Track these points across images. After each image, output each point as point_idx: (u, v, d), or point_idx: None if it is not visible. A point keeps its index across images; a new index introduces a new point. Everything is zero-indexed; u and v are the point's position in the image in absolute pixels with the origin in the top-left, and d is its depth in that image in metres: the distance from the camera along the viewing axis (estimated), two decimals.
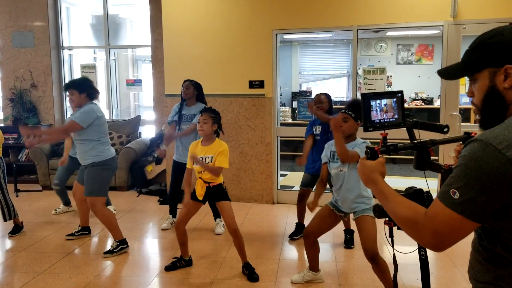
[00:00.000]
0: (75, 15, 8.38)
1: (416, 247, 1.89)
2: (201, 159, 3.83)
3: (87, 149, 4.43)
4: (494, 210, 1.23)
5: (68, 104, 6.00)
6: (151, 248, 4.94)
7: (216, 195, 3.92)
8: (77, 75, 8.17)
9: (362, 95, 1.89)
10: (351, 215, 3.56)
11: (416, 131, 1.96)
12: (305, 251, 3.80)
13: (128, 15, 8.74)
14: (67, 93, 4.53)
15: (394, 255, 2.01)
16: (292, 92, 10.73)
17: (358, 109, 3.42)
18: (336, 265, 4.21)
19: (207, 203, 4.15)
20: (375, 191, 1.56)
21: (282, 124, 6.56)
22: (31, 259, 4.36)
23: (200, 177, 3.87)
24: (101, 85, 8.18)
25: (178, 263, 4.12)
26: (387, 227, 1.91)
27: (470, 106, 8.92)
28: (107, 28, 7.99)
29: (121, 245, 4.54)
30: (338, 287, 3.75)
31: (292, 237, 4.92)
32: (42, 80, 7.88)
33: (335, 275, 4.00)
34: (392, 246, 1.92)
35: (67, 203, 5.97)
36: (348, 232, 4.72)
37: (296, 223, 5.01)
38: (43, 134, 4.78)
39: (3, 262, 4.34)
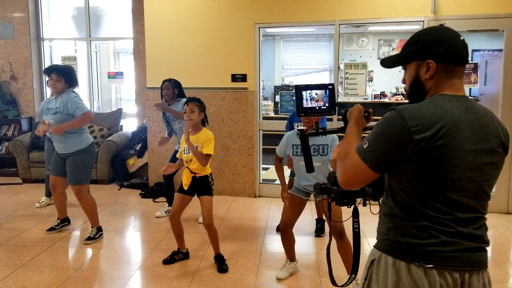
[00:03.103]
0: (55, 6, 8.26)
1: (350, 217, 2.11)
2: (187, 148, 3.84)
3: (73, 137, 4.51)
4: (390, 165, 1.55)
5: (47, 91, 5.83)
6: (133, 241, 4.93)
7: (200, 187, 3.91)
8: None
9: (295, 86, 2.18)
10: (313, 197, 3.72)
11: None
12: (282, 245, 3.85)
13: (109, 6, 8.64)
14: (52, 77, 4.48)
15: (330, 226, 2.25)
16: (274, 86, 10.76)
17: None
18: (316, 258, 4.26)
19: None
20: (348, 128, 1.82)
21: (264, 118, 6.59)
22: (11, 252, 4.32)
23: (187, 167, 3.87)
24: (82, 78, 8.09)
25: (176, 256, 4.12)
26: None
27: None
28: (88, 20, 7.91)
29: (99, 232, 4.72)
30: (318, 279, 3.81)
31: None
32: (22, 72, 7.77)
33: (315, 267, 4.05)
34: (329, 219, 2.17)
35: (50, 193, 5.93)
36: (319, 221, 4.81)
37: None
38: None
39: None
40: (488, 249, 1.63)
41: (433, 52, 1.59)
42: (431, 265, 1.54)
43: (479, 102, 1.65)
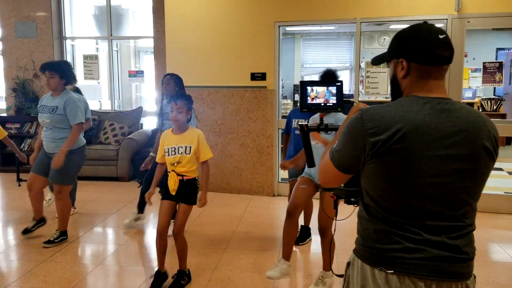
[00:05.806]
0: (77, 5, 8.37)
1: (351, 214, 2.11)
2: (173, 149, 3.44)
3: (63, 136, 4.31)
4: (353, 165, 1.53)
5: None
6: (152, 238, 4.94)
7: (186, 193, 3.49)
8: (79, 65, 8.16)
9: (300, 82, 2.16)
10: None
11: None
12: (283, 234, 3.54)
13: (130, 5, 8.72)
14: (46, 74, 4.28)
15: (335, 224, 2.22)
16: (294, 85, 10.72)
17: (334, 79, 3.58)
18: (336, 259, 4.22)
19: None
20: None
21: (283, 117, 6.55)
22: (32, 248, 4.38)
23: (173, 170, 3.45)
24: (103, 76, 8.19)
25: (182, 281, 3.63)
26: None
27: (473, 101, 8.92)
28: (109, 19, 7.99)
29: (62, 236, 4.50)
30: (338, 280, 3.76)
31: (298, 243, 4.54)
32: None
33: (335, 269, 4.01)
34: (335, 217, 2.15)
35: (72, 202, 5.75)
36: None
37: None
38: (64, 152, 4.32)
39: (5, 251, 4.37)
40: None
41: (406, 51, 1.53)
42: (392, 271, 1.48)
43: (461, 103, 1.55)
